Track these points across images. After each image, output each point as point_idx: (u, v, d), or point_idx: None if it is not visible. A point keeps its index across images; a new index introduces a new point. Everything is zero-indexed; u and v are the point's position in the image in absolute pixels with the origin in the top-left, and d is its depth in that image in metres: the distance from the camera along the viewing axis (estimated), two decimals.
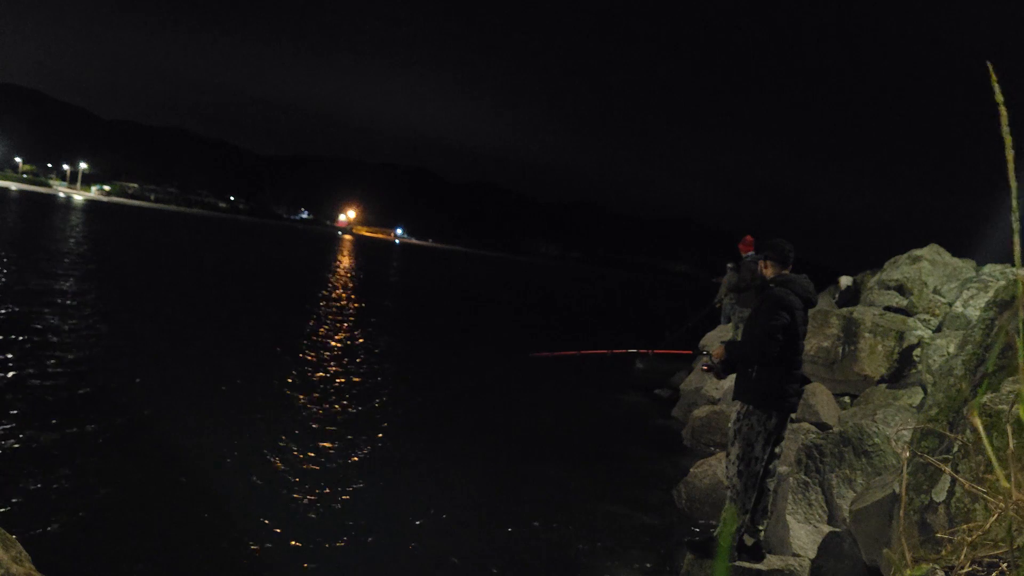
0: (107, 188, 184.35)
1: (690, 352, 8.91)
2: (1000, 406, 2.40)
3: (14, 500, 4.07)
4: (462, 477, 5.75)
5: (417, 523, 4.68)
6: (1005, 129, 0.75)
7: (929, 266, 9.66)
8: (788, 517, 4.43)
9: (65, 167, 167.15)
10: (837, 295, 11.34)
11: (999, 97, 0.76)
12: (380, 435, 6.47)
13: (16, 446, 4.83)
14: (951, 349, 5.92)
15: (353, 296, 19.56)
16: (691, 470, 5.95)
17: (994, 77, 0.77)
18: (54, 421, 5.44)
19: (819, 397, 6.96)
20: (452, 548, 4.40)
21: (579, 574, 4.30)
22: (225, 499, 4.57)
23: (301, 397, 7.38)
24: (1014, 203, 0.73)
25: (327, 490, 4.96)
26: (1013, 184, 0.72)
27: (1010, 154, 0.74)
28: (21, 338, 7.87)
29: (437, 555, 4.27)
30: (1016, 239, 0.72)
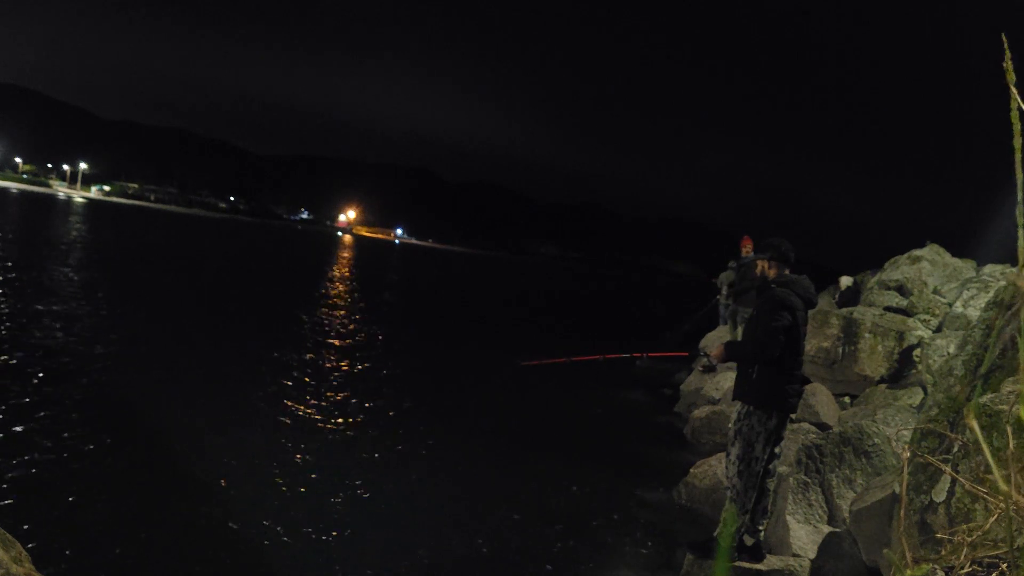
0: (107, 188, 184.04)
1: (687, 354, 8.92)
2: (1000, 406, 2.40)
3: (14, 501, 4.07)
4: (460, 473, 5.76)
5: (415, 520, 4.68)
6: (1015, 113, 0.68)
7: (929, 266, 9.67)
8: (788, 517, 4.43)
9: (65, 167, 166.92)
10: (837, 295, 11.35)
11: (1011, 76, 0.69)
12: (378, 435, 6.47)
13: (16, 447, 4.83)
14: (951, 349, 5.92)
15: (352, 297, 19.57)
16: (691, 470, 5.95)
17: (1008, 53, 0.70)
18: (54, 422, 5.44)
19: (819, 397, 6.96)
20: (450, 544, 4.40)
21: (579, 573, 4.30)
22: (224, 497, 4.57)
23: (299, 398, 7.38)
24: (1021, 195, 0.67)
25: (327, 488, 4.96)
26: (1020, 174, 0.67)
27: (1019, 141, 0.68)
28: (21, 339, 7.87)
29: (436, 551, 4.27)
30: (1022, 232, 0.68)
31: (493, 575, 4.15)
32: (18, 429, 5.15)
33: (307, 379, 8.27)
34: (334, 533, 4.33)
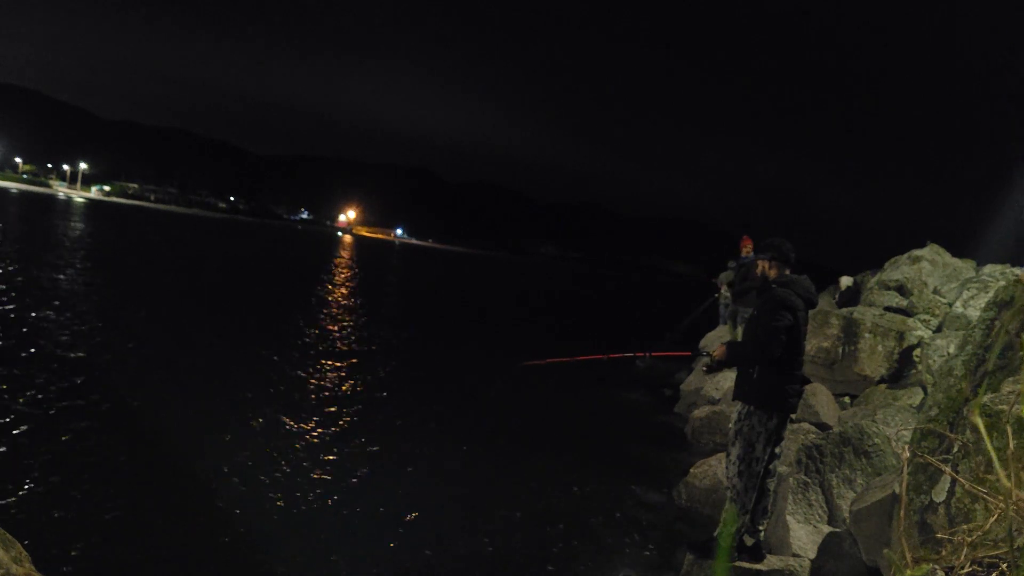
0: (107, 188, 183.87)
1: (689, 353, 8.95)
2: (1000, 406, 2.40)
3: (14, 501, 4.07)
4: (461, 473, 5.76)
5: (415, 521, 4.68)
6: None
7: (929, 266, 9.67)
8: (788, 517, 4.43)
9: (65, 167, 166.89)
10: (837, 295, 11.35)
11: None
12: (379, 435, 6.46)
13: (17, 447, 4.83)
14: (951, 349, 5.92)
15: (352, 298, 19.57)
16: (691, 470, 5.95)
17: None
18: (55, 422, 5.44)
19: (819, 397, 6.96)
20: (450, 545, 4.40)
21: (579, 573, 4.30)
22: (222, 498, 4.57)
23: (299, 399, 7.38)
24: None
25: (328, 488, 4.96)
26: None
27: None
28: (21, 339, 7.87)
29: (437, 551, 4.27)
30: None
31: (494, 574, 4.15)
32: (18, 429, 5.15)
33: (307, 379, 8.27)
34: (335, 532, 4.33)
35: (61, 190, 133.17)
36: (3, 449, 4.75)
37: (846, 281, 11.43)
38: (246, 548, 4.00)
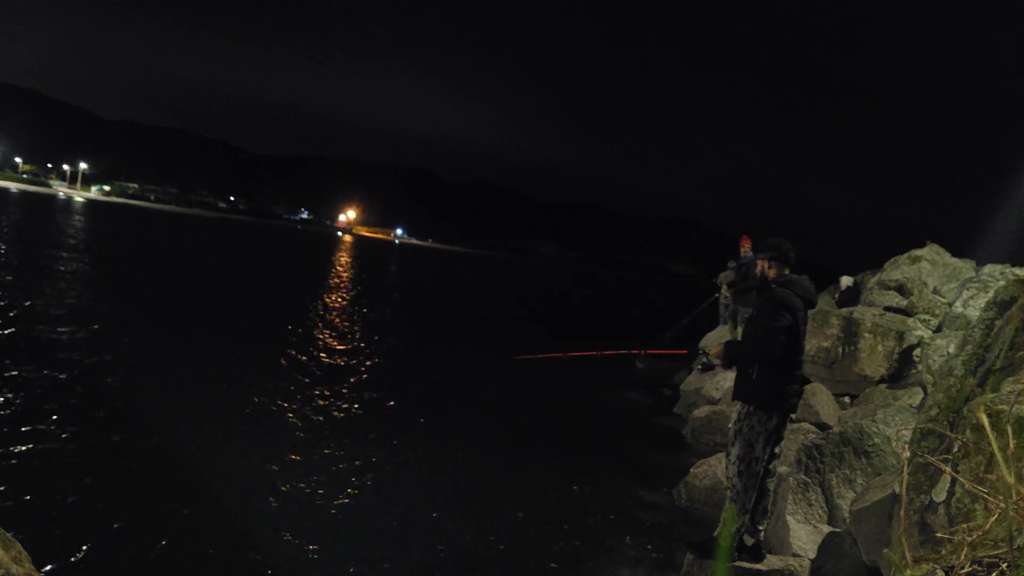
0: (107, 188, 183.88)
1: (685, 352, 8.93)
2: (1001, 406, 2.40)
3: (14, 500, 4.07)
4: (459, 474, 5.75)
5: (417, 521, 4.68)
6: None
7: (929, 266, 9.68)
8: (788, 517, 4.43)
9: (65, 167, 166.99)
10: (837, 295, 11.35)
11: None
12: (379, 436, 6.47)
13: (17, 447, 4.83)
14: (951, 349, 5.92)
15: (352, 297, 19.57)
16: (691, 470, 5.95)
17: None
18: (54, 422, 5.44)
19: (819, 397, 6.96)
20: (449, 545, 4.40)
21: (579, 573, 4.30)
22: (223, 499, 4.57)
23: (300, 399, 7.38)
24: None
25: (328, 489, 4.96)
26: None
27: None
28: (22, 340, 7.87)
29: (435, 552, 4.27)
30: None
31: (496, 573, 4.16)
32: (18, 430, 5.14)
33: (308, 379, 8.26)
34: (336, 532, 4.33)
35: (61, 190, 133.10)
36: (3, 449, 4.75)
37: (846, 281, 11.44)
38: (247, 549, 4.00)
